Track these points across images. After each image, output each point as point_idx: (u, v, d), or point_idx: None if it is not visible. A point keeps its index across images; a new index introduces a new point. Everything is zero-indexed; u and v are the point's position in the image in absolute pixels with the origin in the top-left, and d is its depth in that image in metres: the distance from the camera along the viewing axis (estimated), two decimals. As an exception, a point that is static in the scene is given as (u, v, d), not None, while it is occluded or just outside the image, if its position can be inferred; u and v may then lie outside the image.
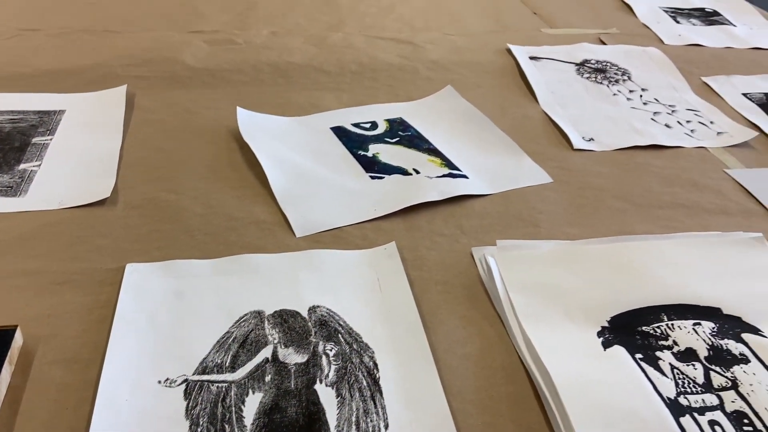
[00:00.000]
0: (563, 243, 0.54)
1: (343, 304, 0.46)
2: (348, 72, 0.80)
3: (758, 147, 0.70)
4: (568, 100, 0.78)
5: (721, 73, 0.86)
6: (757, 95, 0.81)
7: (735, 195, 0.62)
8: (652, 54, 0.89)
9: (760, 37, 0.97)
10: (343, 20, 0.94)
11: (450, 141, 0.68)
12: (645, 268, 0.50)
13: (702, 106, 0.78)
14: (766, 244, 0.53)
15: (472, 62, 0.85)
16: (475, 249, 0.53)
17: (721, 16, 1.05)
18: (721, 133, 0.72)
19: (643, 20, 1.02)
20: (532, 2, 1.07)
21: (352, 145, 0.66)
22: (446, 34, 0.92)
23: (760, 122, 0.75)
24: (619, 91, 0.80)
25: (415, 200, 0.57)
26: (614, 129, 0.72)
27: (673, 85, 0.83)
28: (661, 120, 0.75)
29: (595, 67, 0.85)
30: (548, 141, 0.70)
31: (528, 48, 0.89)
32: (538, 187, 0.62)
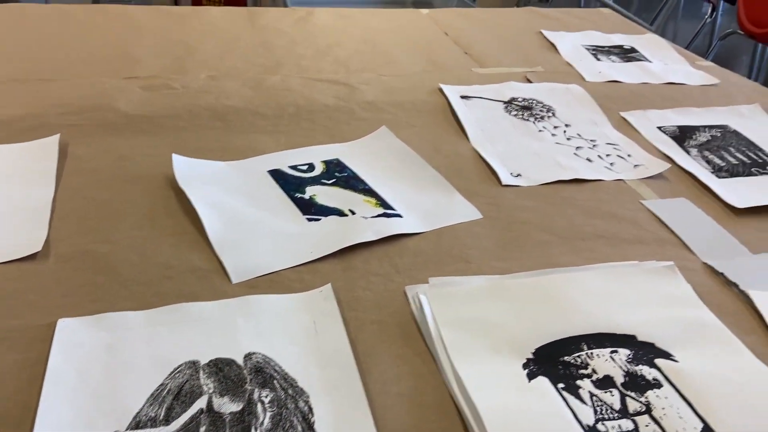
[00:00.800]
0: (491, 278, 0.56)
1: (279, 349, 0.47)
2: (286, 114, 0.82)
3: (671, 178, 0.75)
4: (497, 137, 0.82)
5: (638, 108, 0.92)
6: (671, 128, 0.87)
7: (650, 225, 0.66)
8: (574, 91, 0.94)
9: (673, 72, 1.05)
10: (280, 63, 0.96)
11: (385, 181, 0.70)
12: (567, 299, 0.53)
13: (620, 140, 0.83)
14: (677, 272, 0.57)
15: (405, 102, 0.88)
16: (409, 287, 0.55)
17: (638, 53, 1.12)
18: (638, 166, 0.77)
19: (566, 58, 1.08)
20: (464, 42, 1.12)
21: (290, 188, 0.67)
22: (381, 75, 0.96)
23: (672, 154, 0.80)
24: (545, 128, 0.85)
25: (350, 241, 0.59)
26: (540, 164, 0.76)
27: (594, 121, 0.88)
28: (583, 154, 0.79)
29: (522, 104, 0.90)
30: (479, 177, 0.73)
31: (459, 87, 0.93)
32: (469, 223, 0.65)
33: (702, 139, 0.84)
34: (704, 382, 0.46)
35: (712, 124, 0.88)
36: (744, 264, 0.60)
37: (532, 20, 1.27)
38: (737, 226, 0.66)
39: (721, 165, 0.78)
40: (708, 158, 0.80)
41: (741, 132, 0.86)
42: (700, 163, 0.78)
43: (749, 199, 0.70)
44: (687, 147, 0.82)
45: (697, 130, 0.86)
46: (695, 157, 0.80)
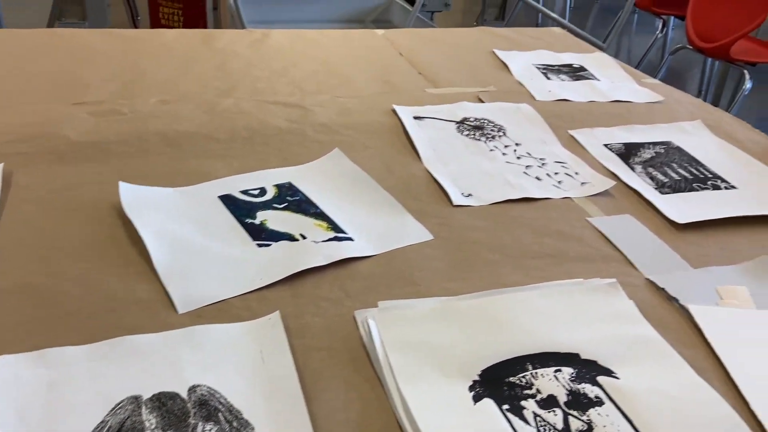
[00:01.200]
0: (440, 300, 0.57)
1: (225, 380, 0.46)
2: (238, 138, 0.82)
3: (616, 194, 0.77)
4: (449, 157, 0.83)
5: (585, 126, 0.94)
6: (617, 145, 0.89)
7: (595, 242, 0.68)
8: (525, 110, 0.97)
9: (620, 90, 1.08)
10: (234, 85, 0.96)
11: (337, 204, 0.71)
12: (514, 319, 0.54)
13: (568, 158, 0.85)
14: (619, 289, 0.59)
15: (360, 124, 0.89)
16: (358, 312, 0.55)
17: (587, 72, 1.16)
18: (585, 183, 0.79)
19: (517, 77, 1.10)
20: (418, 63, 1.14)
21: (240, 213, 0.67)
22: (336, 96, 0.96)
23: (618, 171, 0.82)
24: (496, 147, 0.87)
25: (300, 266, 0.59)
26: (491, 183, 0.78)
27: (544, 139, 0.90)
28: (533, 173, 0.81)
29: (474, 124, 0.92)
30: (431, 198, 0.74)
31: (412, 108, 0.94)
32: (420, 244, 0.65)
33: (646, 155, 0.87)
34: (644, 398, 0.47)
35: (656, 141, 0.91)
36: (684, 278, 0.62)
37: (485, 40, 1.29)
38: (679, 241, 0.69)
39: (664, 181, 0.81)
40: (652, 174, 0.82)
41: (684, 148, 0.90)
42: (644, 180, 0.81)
43: (690, 214, 0.73)
44: (632, 164, 0.85)
45: (641, 147, 0.89)
46: (640, 173, 0.83)
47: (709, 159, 0.87)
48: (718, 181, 0.81)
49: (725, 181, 0.81)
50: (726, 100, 2.94)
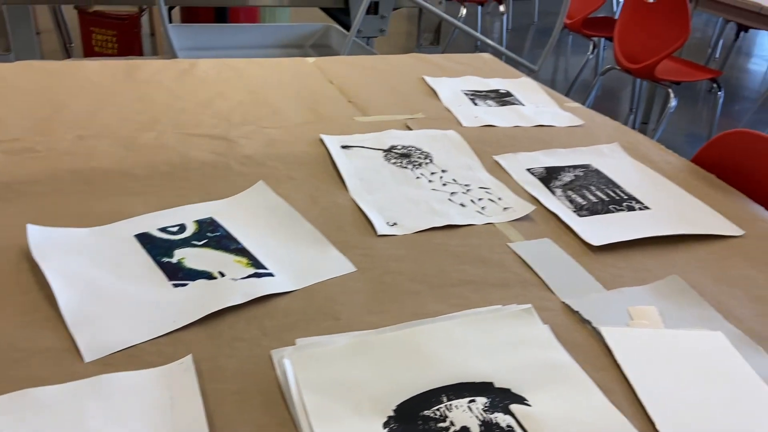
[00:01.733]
0: (359, 334, 0.57)
1: (131, 430, 0.45)
2: (158, 174, 0.80)
3: (537, 219, 0.80)
4: (376, 186, 0.83)
5: (510, 151, 0.97)
6: (539, 170, 0.92)
7: (515, 267, 0.69)
8: (451, 137, 0.98)
9: (543, 114, 1.11)
10: (156, 118, 0.95)
11: (258, 238, 0.70)
12: (431, 350, 0.54)
13: (492, 184, 0.87)
14: (534, 314, 0.60)
15: (286, 154, 0.89)
16: (275, 351, 0.54)
17: (513, 97, 1.19)
18: (507, 209, 0.81)
19: (446, 104, 1.13)
20: (348, 91, 1.14)
21: (157, 252, 0.65)
22: (262, 127, 0.96)
23: (539, 195, 0.85)
24: (422, 174, 0.88)
25: (217, 306, 0.58)
26: (416, 211, 0.79)
27: (469, 165, 0.92)
28: (457, 200, 0.82)
29: (401, 152, 0.93)
30: (355, 228, 0.74)
31: (340, 137, 0.95)
32: (343, 277, 0.65)
33: (566, 179, 0.90)
34: (555, 425, 0.48)
35: (576, 164, 0.94)
36: (598, 300, 0.64)
37: (416, 66, 1.32)
38: (594, 264, 0.71)
39: (583, 204, 0.83)
40: (571, 198, 0.85)
41: (602, 170, 0.93)
42: (563, 203, 0.83)
43: (605, 236, 0.75)
44: (552, 187, 0.87)
45: (562, 171, 0.92)
46: (560, 196, 0.85)
47: (625, 181, 0.90)
48: (633, 202, 0.84)
49: (639, 202, 0.85)
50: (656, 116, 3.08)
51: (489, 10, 5.26)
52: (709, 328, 0.61)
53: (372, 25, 1.88)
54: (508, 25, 4.81)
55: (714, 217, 0.81)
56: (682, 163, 0.97)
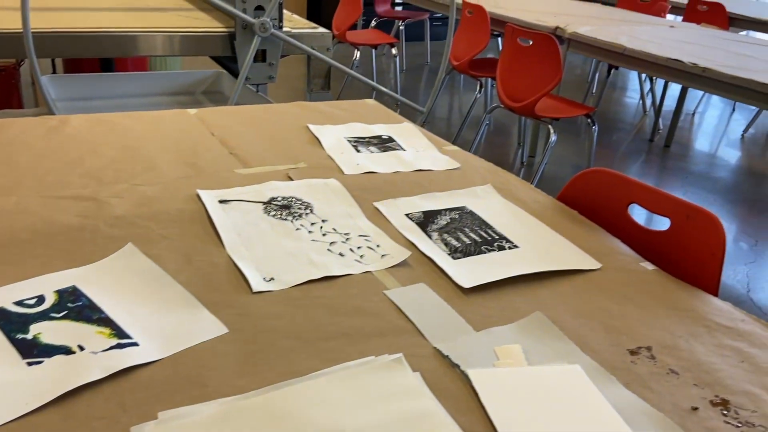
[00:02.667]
0: (226, 401, 0.55)
1: None
2: (17, 241, 0.76)
3: (413, 264, 0.82)
4: (254, 241, 0.83)
5: (390, 197, 1.00)
6: (416, 214, 0.95)
7: (390, 315, 0.71)
8: (332, 185, 1.00)
9: (423, 159, 1.16)
10: (19, 181, 0.90)
11: (124, 305, 0.67)
12: (298, 411, 0.54)
13: (372, 231, 0.89)
14: (404, 363, 0.61)
15: (160, 213, 0.86)
16: (135, 428, 0.52)
17: (395, 142, 1.23)
18: (385, 255, 0.83)
19: (329, 152, 1.14)
20: (230, 142, 1.14)
21: (11, 329, 0.61)
22: (136, 184, 0.93)
23: (416, 240, 0.88)
24: (302, 225, 0.88)
25: (74, 383, 0.55)
26: (295, 265, 0.79)
27: (349, 213, 0.93)
28: (337, 249, 0.83)
29: (281, 203, 0.93)
30: (231, 287, 0.73)
31: (218, 191, 0.94)
32: (213, 340, 0.64)
33: (443, 222, 0.94)
34: (419, 475, 0.49)
35: (452, 207, 0.98)
36: (467, 343, 0.67)
37: (301, 114, 1.33)
38: (466, 305, 0.74)
39: (457, 246, 0.87)
40: (446, 240, 0.88)
41: (476, 212, 0.97)
42: (439, 246, 0.87)
43: (476, 277, 0.79)
44: (429, 231, 0.91)
45: (439, 214, 0.96)
46: (436, 240, 0.88)
47: (497, 221, 0.95)
48: (504, 242, 0.89)
49: (510, 242, 0.89)
50: (541, 149, 3.28)
51: (384, 52, 5.44)
52: (568, 362, 0.65)
53: (261, 73, 1.89)
54: (402, 67, 4.99)
55: (575, 253, 0.87)
56: (548, 200, 1.04)
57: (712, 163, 3.49)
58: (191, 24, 1.92)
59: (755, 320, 0.75)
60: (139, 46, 1.86)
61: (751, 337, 0.71)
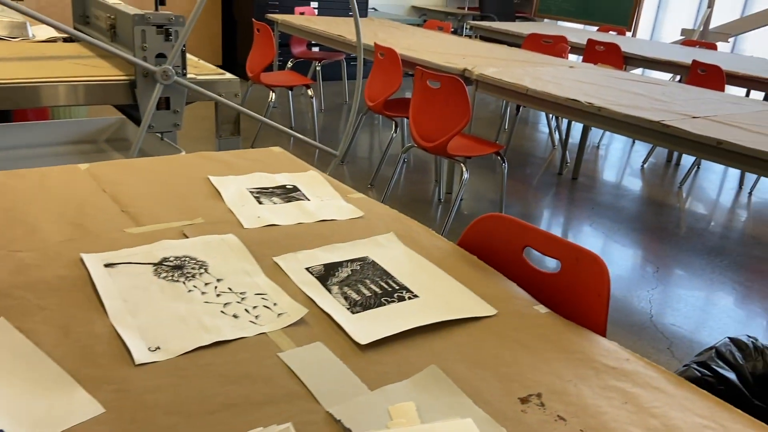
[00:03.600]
0: (95, 493, 0.51)
1: None
2: None
3: (311, 321, 0.80)
4: (141, 307, 0.79)
5: (291, 250, 0.98)
6: (317, 267, 0.94)
7: (283, 379, 0.69)
8: (230, 241, 0.97)
9: (326, 208, 1.15)
10: None
11: (-12, 391, 0.62)
12: (175, 498, 0.51)
13: (269, 289, 0.87)
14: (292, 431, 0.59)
15: (37, 282, 0.81)
16: None
17: (300, 192, 1.22)
18: (281, 314, 0.81)
19: (229, 205, 1.12)
20: (123, 199, 1.09)
21: None
22: (12, 251, 0.87)
23: (315, 295, 0.86)
24: (195, 287, 0.85)
25: None
26: (184, 330, 0.75)
27: (247, 271, 0.91)
28: (230, 311, 0.81)
29: (174, 264, 0.90)
30: (112, 360, 0.69)
31: (104, 254, 0.89)
32: (89, 422, 0.60)
33: (344, 274, 0.93)
34: None
35: (353, 258, 0.98)
36: (361, 404, 0.65)
37: (203, 166, 1.30)
38: (362, 363, 0.73)
39: (357, 300, 0.86)
40: (346, 294, 0.87)
41: (378, 262, 0.97)
42: (339, 301, 0.85)
43: (373, 332, 0.78)
44: (329, 285, 0.89)
45: (340, 266, 0.95)
46: (336, 294, 0.87)
47: (399, 270, 0.95)
48: (404, 292, 0.89)
49: (410, 291, 0.90)
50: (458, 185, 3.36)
51: (302, 92, 5.47)
52: (461, 417, 0.65)
53: (165, 120, 1.85)
54: (321, 106, 5.03)
55: (473, 300, 0.89)
56: (449, 246, 1.05)
57: (616, 193, 3.70)
58: (90, 73, 1.86)
59: (638, 359, 0.78)
60: (35, 97, 1.78)
61: (634, 377, 0.74)
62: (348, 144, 1.97)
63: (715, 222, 3.37)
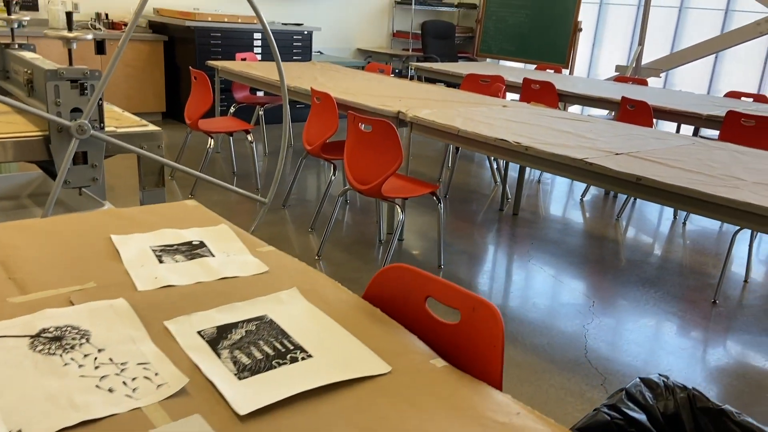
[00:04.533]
0: None
1: None
2: None
3: (193, 391, 0.77)
4: (8, 385, 0.74)
5: (186, 312, 0.95)
6: (210, 331, 0.91)
7: (149, 460, 0.65)
8: (118, 307, 0.93)
9: (230, 265, 1.12)
10: None
11: None
12: None
13: (153, 357, 0.83)
14: None
15: None
16: None
17: (205, 248, 1.19)
18: (161, 385, 0.77)
19: (127, 266, 1.08)
20: (13, 264, 1.04)
21: None
22: None
23: (202, 361, 0.83)
24: (73, 359, 0.81)
25: None
26: (51, 410, 0.71)
27: (133, 338, 0.87)
28: (106, 384, 0.76)
29: (52, 335, 0.85)
30: (-37, 449, 0.64)
31: (-23, 329, 0.84)
32: None
33: (237, 336, 0.90)
34: None
35: (251, 317, 0.95)
36: (230, 483, 0.62)
37: (107, 224, 1.26)
38: (239, 435, 0.70)
39: (246, 364, 0.83)
40: (236, 358, 0.84)
41: (276, 321, 0.95)
42: (227, 366, 0.82)
43: (256, 400, 0.75)
44: (220, 349, 0.86)
45: (234, 328, 0.92)
46: (225, 359, 0.84)
47: (296, 328, 0.93)
48: (298, 352, 0.87)
49: (305, 351, 0.87)
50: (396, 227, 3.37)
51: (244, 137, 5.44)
52: (334, 490, 0.62)
53: (83, 175, 1.79)
54: (265, 150, 5.01)
55: (368, 358, 0.87)
56: (353, 299, 1.04)
57: (556, 227, 3.77)
58: (3, 129, 1.80)
59: (529, 412, 0.77)
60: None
61: (520, 433, 0.73)
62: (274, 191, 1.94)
63: (651, 253, 3.46)
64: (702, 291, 2.97)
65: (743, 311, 2.79)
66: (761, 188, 2.09)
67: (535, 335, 2.41)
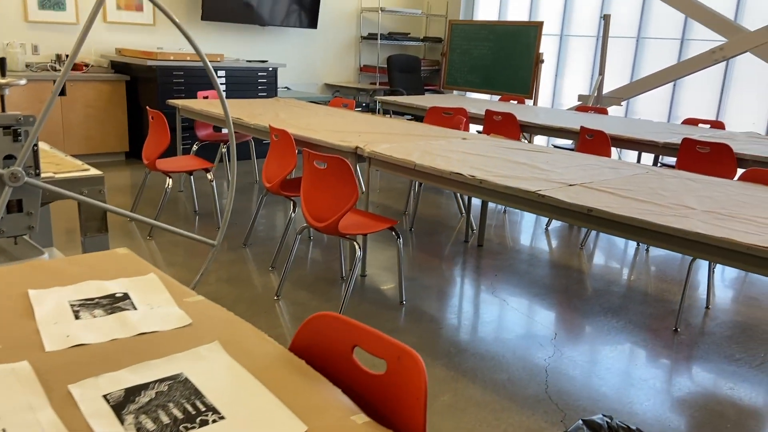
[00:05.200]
0: None
1: None
2: None
3: (85, 465, 0.71)
4: None
5: (96, 374, 0.89)
6: (117, 393, 0.85)
7: None
8: (20, 371, 0.88)
9: (152, 318, 1.07)
10: None
11: None
12: None
13: (51, 427, 0.77)
14: None
15: None
16: None
17: (128, 300, 1.14)
18: (52, 460, 0.72)
19: (39, 324, 1.02)
20: None
21: None
22: None
23: (102, 428, 0.77)
24: (-42, 433, 0.75)
25: None
26: None
27: (31, 405, 0.81)
28: (-10, 461, 0.71)
29: (-60, 407, 0.79)
30: None
31: None
32: None
33: (146, 399, 0.84)
34: None
35: (164, 377, 0.90)
36: None
37: (29, 277, 1.20)
38: None
39: (150, 430, 0.78)
40: (141, 424, 0.79)
41: (191, 379, 0.90)
42: (129, 433, 0.77)
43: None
44: (125, 414, 0.81)
45: (144, 389, 0.87)
46: (129, 425, 0.78)
47: (212, 386, 0.88)
48: (210, 414, 0.82)
49: (217, 413, 0.82)
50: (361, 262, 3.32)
51: (212, 174, 5.38)
52: None
53: (18, 224, 1.73)
54: (227, 186, 4.95)
55: (283, 417, 0.82)
56: (278, 352, 0.99)
57: (520, 258, 3.76)
58: (-67, 176, 1.73)
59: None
60: None
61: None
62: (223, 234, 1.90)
63: (614, 281, 3.47)
64: (664, 319, 2.97)
65: (704, 339, 2.79)
66: (710, 217, 2.10)
67: (495, 371, 2.37)
